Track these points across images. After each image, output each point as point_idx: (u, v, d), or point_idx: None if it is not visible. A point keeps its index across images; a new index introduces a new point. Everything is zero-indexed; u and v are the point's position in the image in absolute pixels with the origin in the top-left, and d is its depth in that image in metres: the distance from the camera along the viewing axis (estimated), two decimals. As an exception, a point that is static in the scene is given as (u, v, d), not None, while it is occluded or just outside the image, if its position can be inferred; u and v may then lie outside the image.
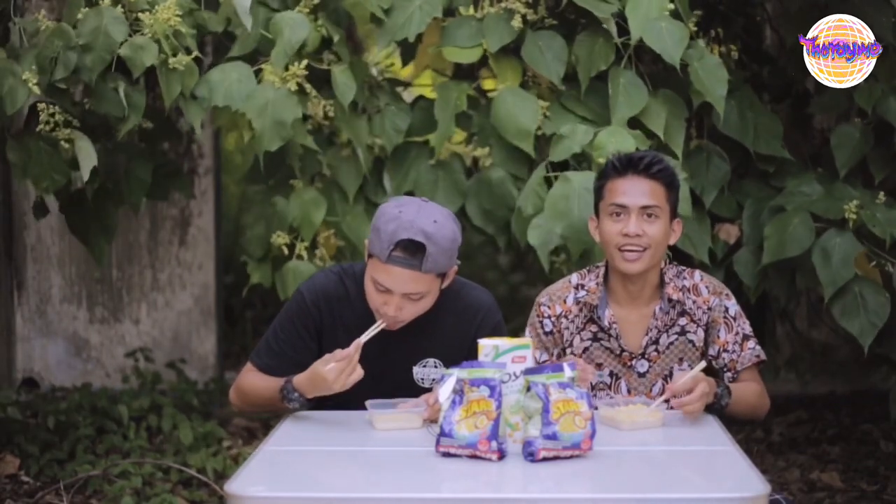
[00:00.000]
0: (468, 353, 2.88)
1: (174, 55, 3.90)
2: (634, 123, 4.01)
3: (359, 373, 2.83)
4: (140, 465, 4.54)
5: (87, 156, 3.91)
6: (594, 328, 3.16)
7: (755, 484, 2.37)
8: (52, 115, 3.85)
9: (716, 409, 2.99)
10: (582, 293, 3.18)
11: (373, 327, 2.91)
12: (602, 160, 3.79)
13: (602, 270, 3.20)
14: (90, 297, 5.80)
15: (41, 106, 3.84)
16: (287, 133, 3.98)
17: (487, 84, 4.47)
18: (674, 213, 3.16)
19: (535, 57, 4.11)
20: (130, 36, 3.86)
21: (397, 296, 2.91)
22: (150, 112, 4.21)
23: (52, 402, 5.16)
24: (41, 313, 5.80)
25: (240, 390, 3.11)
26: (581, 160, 4.01)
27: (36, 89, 3.78)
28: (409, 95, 4.68)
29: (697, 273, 3.20)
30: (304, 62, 4.01)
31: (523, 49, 4.13)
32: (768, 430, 5.21)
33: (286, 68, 4.02)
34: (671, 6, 3.94)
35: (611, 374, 3.17)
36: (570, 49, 4.11)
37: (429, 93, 4.58)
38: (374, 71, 4.52)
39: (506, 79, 4.19)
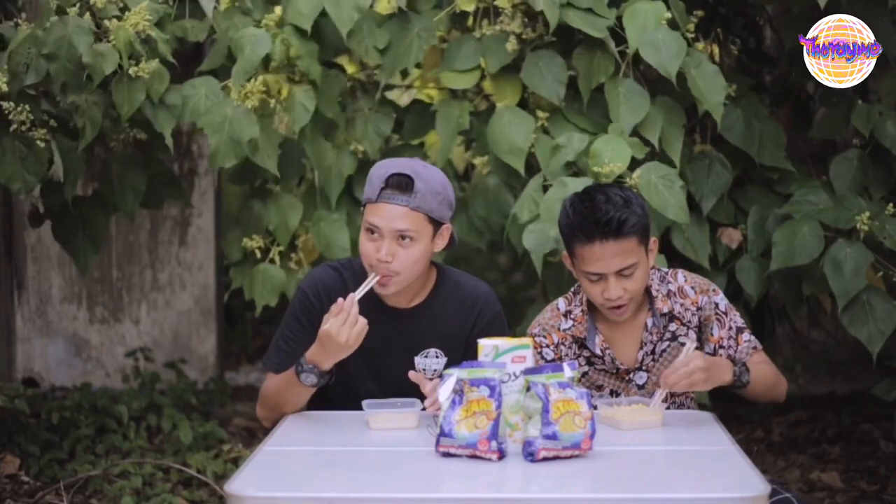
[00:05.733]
0: (467, 343, 3.04)
1: (138, 63, 3.84)
2: (632, 132, 3.98)
3: (362, 323, 2.84)
4: (140, 465, 4.54)
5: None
6: (587, 353, 3.15)
7: (755, 484, 2.37)
8: (23, 113, 3.79)
9: (737, 386, 2.97)
10: (569, 323, 3.14)
11: (366, 282, 2.94)
12: (597, 169, 3.78)
13: (585, 296, 3.15)
14: (90, 297, 5.80)
15: (6, 105, 3.76)
16: (242, 151, 3.95)
17: (489, 88, 4.46)
18: (647, 240, 3.05)
19: (534, 78, 4.09)
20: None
21: (388, 238, 2.96)
22: (144, 121, 4.11)
23: (52, 402, 5.16)
24: (41, 313, 5.80)
25: (263, 398, 3.10)
26: (576, 169, 3.99)
27: (4, 87, 3.75)
28: (405, 98, 4.65)
29: (680, 274, 3.16)
30: (261, 79, 3.96)
31: (523, 70, 4.11)
32: (768, 430, 5.21)
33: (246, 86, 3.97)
34: (668, 15, 3.92)
35: (611, 392, 3.15)
36: (569, 63, 4.09)
37: (426, 98, 4.56)
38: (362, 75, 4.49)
39: (504, 97, 4.17)
